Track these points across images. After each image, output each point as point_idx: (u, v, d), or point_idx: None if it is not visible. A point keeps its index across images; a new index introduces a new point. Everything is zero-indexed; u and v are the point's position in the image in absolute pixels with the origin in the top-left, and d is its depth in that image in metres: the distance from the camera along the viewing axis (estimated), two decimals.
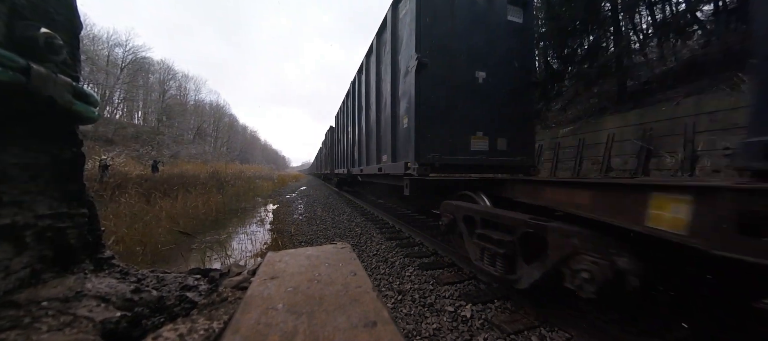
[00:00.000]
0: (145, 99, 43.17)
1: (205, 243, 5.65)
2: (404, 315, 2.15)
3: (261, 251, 4.89)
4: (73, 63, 0.77)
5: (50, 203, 0.70)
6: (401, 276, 2.87)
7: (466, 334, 1.88)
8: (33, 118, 0.66)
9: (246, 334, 0.47)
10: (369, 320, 0.51)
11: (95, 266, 0.80)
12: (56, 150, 0.73)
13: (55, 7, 0.72)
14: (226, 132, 67.03)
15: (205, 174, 17.57)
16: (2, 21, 0.59)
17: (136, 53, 39.73)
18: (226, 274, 0.86)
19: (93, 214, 0.83)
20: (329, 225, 5.94)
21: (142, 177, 13.58)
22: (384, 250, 3.79)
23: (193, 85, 55.48)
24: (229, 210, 9.78)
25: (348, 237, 4.82)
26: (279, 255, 0.86)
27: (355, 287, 0.64)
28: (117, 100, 38.37)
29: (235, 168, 31.54)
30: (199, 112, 55.48)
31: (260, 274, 0.72)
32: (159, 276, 0.85)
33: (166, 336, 0.53)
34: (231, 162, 43.68)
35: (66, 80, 0.68)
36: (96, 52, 34.32)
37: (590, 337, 1.76)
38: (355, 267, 0.76)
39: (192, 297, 0.74)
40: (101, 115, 25.74)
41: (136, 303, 0.67)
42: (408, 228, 4.67)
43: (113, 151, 22.87)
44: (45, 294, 0.60)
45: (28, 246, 0.64)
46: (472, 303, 2.24)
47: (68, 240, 0.74)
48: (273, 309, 0.55)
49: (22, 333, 0.49)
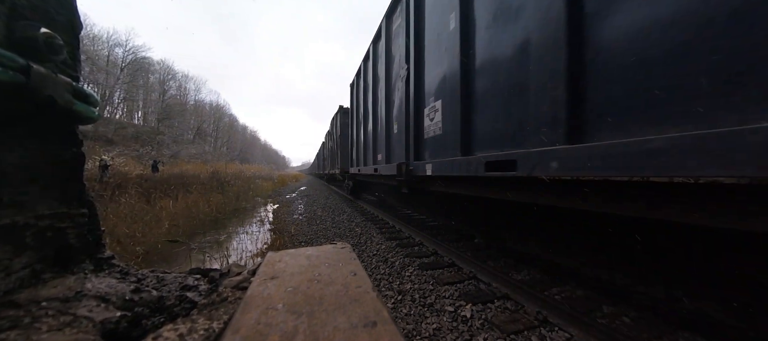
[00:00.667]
0: (145, 99, 43.20)
1: (203, 244, 5.65)
2: (404, 315, 2.15)
3: (261, 251, 4.89)
4: (73, 63, 0.77)
5: (50, 203, 0.70)
6: (401, 276, 2.87)
7: (466, 334, 1.88)
8: (33, 118, 0.66)
9: (246, 334, 0.47)
10: (369, 320, 0.51)
11: (95, 266, 0.80)
12: (56, 150, 0.73)
13: (55, 7, 0.72)
14: (226, 132, 67.09)
15: (205, 174, 17.58)
16: (2, 21, 0.59)
17: (136, 53, 39.79)
18: (226, 274, 0.86)
19: (93, 214, 0.83)
20: (329, 226, 5.94)
21: (142, 177, 13.59)
22: (384, 250, 3.79)
23: (193, 85, 55.58)
24: (229, 210, 9.78)
25: (348, 237, 4.82)
26: (279, 255, 0.86)
27: (355, 287, 0.64)
28: (117, 100, 38.41)
29: (235, 168, 31.56)
30: (199, 112, 55.54)
31: (260, 274, 0.72)
32: (159, 276, 0.85)
33: (166, 336, 0.53)
34: (231, 162, 43.71)
35: (66, 80, 0.68)
36: (96, 52, 34.35)
37: (590, 337, 1.76)
38: (355, 267, 0.76)
39: (192, 297, 0.74)
40: (101, 115, 25.70)
41: (136, 303, 0.67)
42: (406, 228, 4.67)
43: (113, 151, 22.87)
44: (45, 294, 0.60)
45: (28, 246, 0.64)
46: (472, 303, 2.24)
47: (68, 240, 0.74)
48: (273, 309, 0.55)
49: (22, 333, 0.49)
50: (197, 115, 54.28)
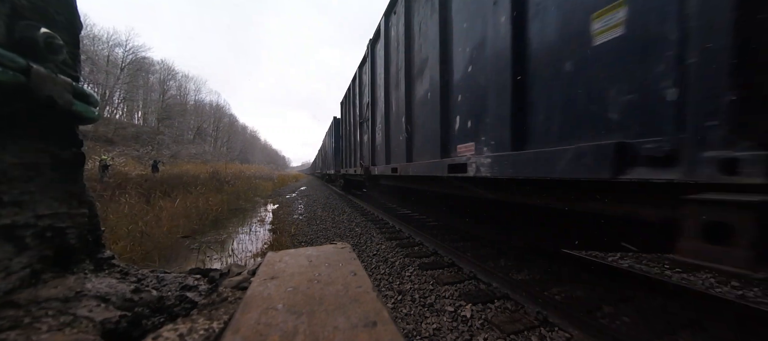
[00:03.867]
0: (145, 99, 43.19)
1: (204, 243, 5.65)
2: (404, 315, 2.15)
3: (261, 251, 4.89)
4: (73, 63, 0.77)
5: (50, 203, 0.70)
6: (401, 276, 2.87)
7: (466, 334, 1.88)
8: (33, 118, 0.66)
9: (246, 334, 0.47)
10: (369, 320, 0.51)
11: (95, 266, 0.80)
12: (56, 150, 0.73)
13: (55, 7, 0.72)
14: (226, 132, 67.08)
15: (205, 174, 17.57)
16: (2, 21, 0.59)
17: (136, 53, 39.76)
18: (226, 274, 0.86)
19: (93, 214, 0.83)
20: (329, 226, 5.94)
21: (143, 177, 13.58)
22: (384, 250, 3.79)
23: (194, 85, 55.54)
24: (229, 210, 9.78)
25: (348, 237, 4.82)
26: (279, 255, 0.86)
27: (355, 287, 0.64)
28: (117, 100, 38.40)
29: (235, 168, 31.53)
30: (199, 112, 55.54)
31: (260, 274, 0.72)
32: (159, 276, 0.85)
33: (166, 336, 0.53)
34: (231, 162, 43.70)
35: (66, 80, 0.68)
36: (96, 52, 34.33)
37: (590, 337, 1.76)
38: (355, 267, 0.76)
39: (192, 297, 0.74)
40: (101, 115, 25.66)
41: (136, 303, 0.67)
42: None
43: (113, 151, 22.86)
44: (45, 294, 0.60)
45: (28, 246, 0.64)
46: (472, 303, 2.24)
47: (68, 240, 0.74)
48: (273, 309, 0.55)
49: (22, 333, 0.49)
50: (197, 114, 54.28)
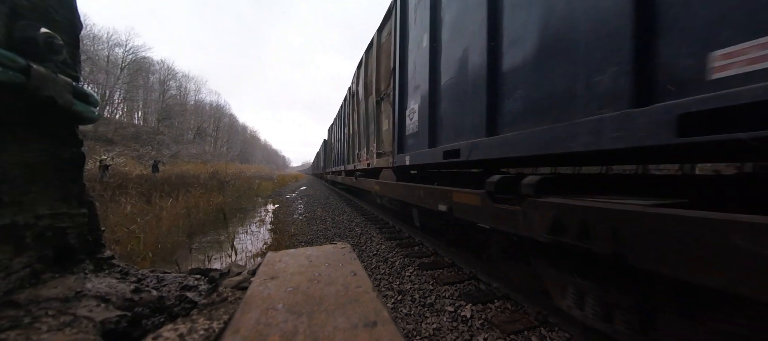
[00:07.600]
0: (145, 99, 43.17)
1: (203, 244, 5.65)
2: (404, 315, 2.15)
3: (261, 251, 4.89)
4: (73, 63, 0.77)
5: (50, 203, 0.70)
6: (401, 276, 2.87)
7: (466, 334, 1.88)
8: (33, 118, 0.66)
9: (246, 334, 0.47)
10: (369, 320, 0.51)
11: (95, 266, 0.80)
12: (56, 150, 0.73)
13: (55, 7, 0.72)
14: (226, 132, 67.05)
15: (205, 174, 17.57)
16: (2, 21, 0.59)
17: (136, 53, 39.73)
18: (226, 274, 0.86)
19: (93, 214, 0.83)
20: (329, 225, 5.94)
21: (143, 177, 13.58)
22: (384, 250, 3.79)
23: (194, 85, 55.50)
24: (229, 210, 9.78)
25: (348, 237, 4.82)
26: (279, 255, 0.86)
27: (355, 287, 0.64)
28: (117, 100, 38.38)
29: (235, 168, 31.53)
30: (199, 112, 55.51)
31: (260, 274, 0.72)
32: (159, 276, 0.85)
33: (166, 336, 0.53)
34: (231, 162, 43.69)
35: (66, 80, 0.68)
36: (96, 52, 34.32)
37: (590, 337, 1.76)
38: (355, 267, 0.76)
39: (192, 297, 0.74)
40: (101, 115, 25.59)
41: (136, 303, 0.67)
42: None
43: (113, 151, 22.86)
44: (45, 294, 0.60)
45: (28, 246, 0.64)
46: (472, 303, 2.24)
47: (68, 240, 0.74)
48: (273, 309, 0.55)
49: (22, 333, 0.49)
50: (197, 114, 54.28)
